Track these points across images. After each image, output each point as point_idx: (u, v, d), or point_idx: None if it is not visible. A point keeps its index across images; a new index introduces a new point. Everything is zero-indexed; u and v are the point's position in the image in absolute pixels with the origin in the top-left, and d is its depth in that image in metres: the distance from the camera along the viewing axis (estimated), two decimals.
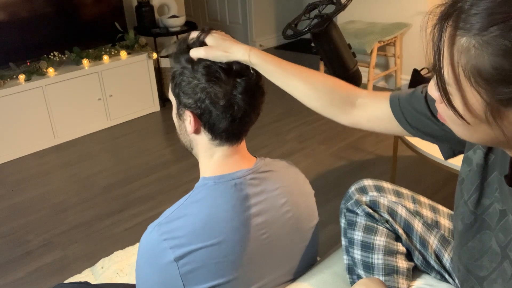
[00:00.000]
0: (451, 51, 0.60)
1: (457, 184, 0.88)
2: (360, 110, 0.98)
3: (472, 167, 0.83)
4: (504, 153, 0.76)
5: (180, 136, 1.01)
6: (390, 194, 1.08)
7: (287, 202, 1.01)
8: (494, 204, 0.78)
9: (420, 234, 1.07)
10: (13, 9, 3.07)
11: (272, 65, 0.94)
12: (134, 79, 3.52)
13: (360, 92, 0.99)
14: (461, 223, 0.84)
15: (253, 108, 0.94)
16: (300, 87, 0.97)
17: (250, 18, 5.10)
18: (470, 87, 0.60)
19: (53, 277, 2.01)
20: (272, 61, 0.94)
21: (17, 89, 3.01)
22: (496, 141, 0.65)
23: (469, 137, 0.67)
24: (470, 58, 0.58)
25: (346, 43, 2.94)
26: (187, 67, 0.90)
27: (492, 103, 0.59)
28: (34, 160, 3.08)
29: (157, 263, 0.90)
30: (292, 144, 3.08)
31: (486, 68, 0.57)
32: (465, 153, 0.86)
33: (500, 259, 0.76)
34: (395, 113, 0.94)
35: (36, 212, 2.50)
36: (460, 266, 0.86)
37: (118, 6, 3.53)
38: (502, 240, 0.76)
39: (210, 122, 0.91)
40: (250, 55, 0.90)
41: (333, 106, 0.98)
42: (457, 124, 0.66)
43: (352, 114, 0.98)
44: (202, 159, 0.99)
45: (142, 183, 2.72)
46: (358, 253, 1.05)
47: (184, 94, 0.91)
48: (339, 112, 0.98)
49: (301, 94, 0.98)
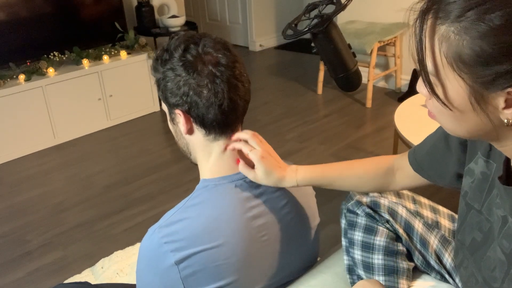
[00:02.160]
0: (432, 41, 0.62)
1: (460, 198, 0.88)
2: (399, 171, 1.03)
3: (476, 177, 0.83)
4: (500, 156, 0.76)
5: (178, 142, 1.02)
6: (391, 195, 1.08)
7: (288, 204, 1.01)
8: (497, 211, 0.78)
9: (421, 234, 1.07)
10: (13, 9, 3.07)
11: (318, 182, 1.02)
12: (134, 79, 3.52)
13: (394, 157, 1.05)
14: (480, 233, 0.83)
15: (238, 93, 0.91)
16: (347, 185, 1.04)
17: (250, 18, 5.09)
18: (453, 74, 0.62)
19: (53, 277, 2.01)
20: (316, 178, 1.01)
21: (17, 89, 3.00)
22: (484, 130, 0.66)
23: (458, 129, 0.68)
24: (450, 45, 0.60)
25: (346, 43, 2.94)
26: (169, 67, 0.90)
27: (475, 88, 0.61)
28: (34, 160, 3.08)
29: (158, 266, 0.90)
30: (292, 144, 3.08)
31: (466, 52, 0.59)
32: (466, 166, 0.87)
33: (507, 267, 0.75)
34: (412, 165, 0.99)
35: (36, 212, 2.50)
36: (479, 277, 0.84)
37: (118, 6, 3.53)
38: (506, 247, 0.75)
39: (199, 114, 0.91)
40: (298, 183, 0.99)
41: (382, 183, 1.04)
42: (445, 116, 0.67)
43: (396, 179, 1.04)
44: (201, 160, 0.99)
45: (142, 183, 2.72)
46: (358, 253, 1.05)
47: (171, 94, 0.91)
48: (387, 184, 1.04)
49: (351, 188, 1.06)
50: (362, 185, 1.05)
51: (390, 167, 1.03)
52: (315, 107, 3.65)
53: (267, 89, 4.01)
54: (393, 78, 3.83)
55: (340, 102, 3.69)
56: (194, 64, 0.88)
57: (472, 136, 0.69)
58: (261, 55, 5.09)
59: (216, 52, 0.90)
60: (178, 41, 0.92)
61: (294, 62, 4.75)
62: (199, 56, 0.89)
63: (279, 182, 0.97)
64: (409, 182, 1.02)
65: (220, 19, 5.42)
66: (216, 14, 5.43)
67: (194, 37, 0.92)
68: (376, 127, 3.24)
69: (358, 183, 1.04)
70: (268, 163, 0.95)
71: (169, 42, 0.94)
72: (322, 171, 1.01)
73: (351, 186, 1.05)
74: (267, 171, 0.95)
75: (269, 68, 4.67)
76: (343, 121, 3.35)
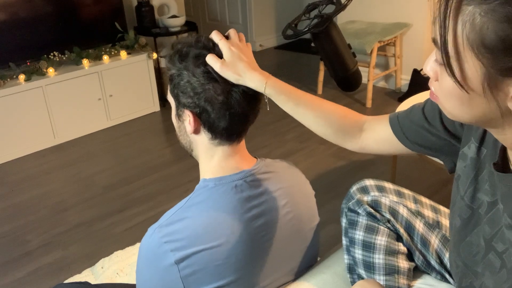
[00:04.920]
0: (456, 21, 0.60)
1: (454, 181, 0.88)
2: (367, 133, 1.00)
3: (467, 162, 0.83)
4: (495, 144, 0.76)
5: (180, 138, 1.01)
6: (392, 194, 1.08)
7: (288, 203, 1.01)
8: (484, 198, 0.78)
9: (422, 234, 1.07)
10: (13, 9, 3.07)
11: (285, 95, 0.97)
12: (134, 79, 3.52)
13: (366, 117, 1.02)
14: (459, 219, 0.84)
15: (252, 106, 0.94)
16: (311, 117, 1.00)
17: (250, 18, 5.10)
18: (471, 56, 0.60)
19: (53, 277, 2.01)
20: (285, 91, 0.97)
21: (17, 89, 3.00)
22: (489, 117, 0.65)
23: (461, 113, 0.67)
24: (474, 26, 0.58)
25: (346, 43, 2.94)
26: (187, 66, 0.90)
27: (491, 73, 0.59)
28: (34, 160, 3.08)
29: (158, 265, 0.90)
30: (292, 144, 3.08)
31: (491, 36, 0.57)
32: (460, 149, 0.87)
33: (484, 251, 0.77)
34: (394, 131, 0.96)
35: (36, 212, 2.49)
36: (459, 262, 0.86)
37: (118, 6, 3.53)
38: (488, 233, 0.76)
39: (210, 120, 0.91)
40: (266, 87, 0.93)
41: (343, 133, 1.01)
42: (452, 99, 0.65)
43: (360, 138, 1.01)
44: (202, 160, 0.99)
45: (142, 183, 2.72)
46: (359, 253, 1.05)
47: (183, 93, 0.91)
48: (348, 138, 1.01)
49: (312, 122, 1.00)
50: (322, 124, 1.00)
51: (359, 123, 1.01)
52: None
53: None
54: (393, 78, 3.83)
55: (340, 102, 3.67)
56: (214, 72, 0.89)
57: (475, 122, 0.68)
58: (261, 55, 5.09)
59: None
60: (201, 43, 0.91)
61: (294, 62, 4.75)
62: None
63: (246, 75, 0.90)
64: (376, 147, 1.00)
65: (220, 19, 5.42)
66: (216, 14, 5.43)
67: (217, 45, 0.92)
68: None
69: (320, 121, 0.99)
70: (237, 53, 0.91)
71: (192, 40, 0.93)
72: (293, 89, 0.98)
73: (312, 120, 0.99)
74: (235, 58, 0.89)
75: (269, 68, 4.68)
76: None
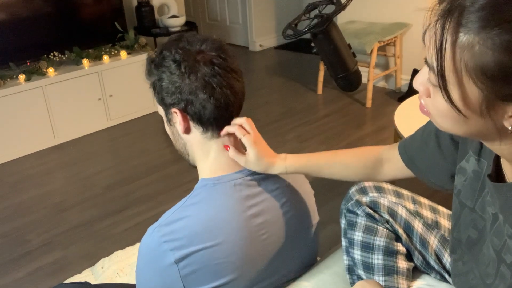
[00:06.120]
0: (454, 48, 0.59)
1: (454, 197, 0.88)
2: (388, 163, 1.04)
3: (468, 175, 0.83)
4: (490, 156, 0.76)
5: (176, 144, 1.03)
6: (390, 195, 1.08)
7: (287, 202, 1.01)
8: (489, 209, 0.78)
9: (420, 234, 1.07)
10: (13, 9, 3.07)
11: (305, 168, 1.03)
12: (134, 79, 3.52)
13: (383, 148, 1.06)
14: (475, 230, 0.83)
15: (234, 88, 0.92)
16: (335, 173, 1.06)
17: (250, 18, 5.09)
18: (469, 83, 0.59)
19: (53, 277, 2.01)
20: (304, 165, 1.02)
21: (17, 89, 3.00)
22: (483, 133, 0.65)
23: (455, 130, 0.67)
24: (473, 54, 0.57)
25: (346, 43, 2.94)
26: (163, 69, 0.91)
27: (489, 97, 0.59)
28: (34, 160, 3.08)
29: (158, 265, 0.90)
30: (292, 144, 3.08)
31: (490, 64, 0.57)
32: (457, 164, 0.87)
33: (497, 264, 0.76)
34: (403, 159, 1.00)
35: (36, 212, 2.49)
36: (476, 272, 0.85)
37: (118, 6, 3.53)
38: (496, 244, 0.76)
39: (196, 111, 0.91)
40: (287, 171, 1.00)
41: (369, 172, 1.05)
42: (447, 118, 0.65)
43: (384, 170, 1.05)
44: (200, 159, 0.99)
45: (142, 183, 2.72)
46: (358, 254, 1.05)
47: (167, 94, 0.92)
48: (375, 174, 1.05)
49: (341, 177, 1.06)
50: (349, 174, 1.06)
51: (378, 157, 1.04)
52: (315, 107, 3.65)
53: (267, 89, 4.01)
54: (393, 78, 3.83)
55: (340, 102, 3.69)
56: (189, 63, 0.89)
57: (469, 136, 0.69)
58: (261, 55, 5.09)
59: (209, 50, 0.91)
60: (171, 42, 0.93)
61: (294, 62, 4.75)
62: (193, 55, 0.90)
63: (269, 168, 0.98)
64: (399, 173, 1.04)
65: (220, 19, 5.42)
66: (216, 14, 5.43)
67: (186, 37, 0.93)
68: (376, 127, 3.24)
69: (346, 172, 1.05)
70: (260, 148, 0.97)
71: (162, 45, 0.95)
72: (310, 159, 1.03)
73: (338, 174, 1.05)
74: (259, 156, 0.96)
75: (269, 68, 4.68)
76: (343, 121, 3.35)
